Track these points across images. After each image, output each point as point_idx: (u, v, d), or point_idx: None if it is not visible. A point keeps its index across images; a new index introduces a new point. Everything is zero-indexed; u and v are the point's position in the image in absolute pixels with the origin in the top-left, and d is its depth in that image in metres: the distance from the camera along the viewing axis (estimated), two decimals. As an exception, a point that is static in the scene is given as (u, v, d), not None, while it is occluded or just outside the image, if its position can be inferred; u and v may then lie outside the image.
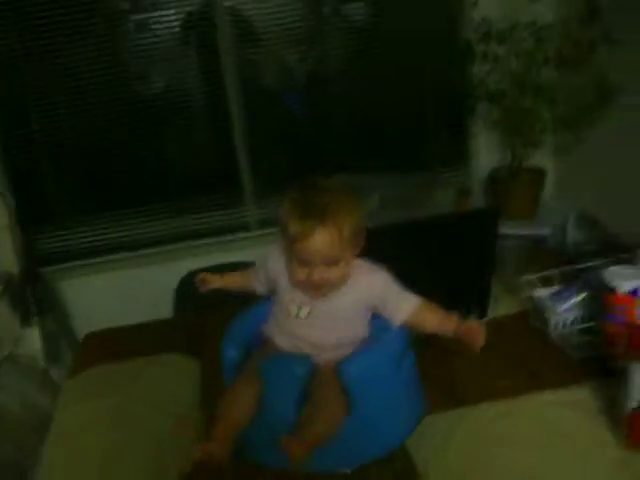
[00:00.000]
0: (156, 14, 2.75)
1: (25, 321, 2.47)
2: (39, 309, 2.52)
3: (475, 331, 1.33)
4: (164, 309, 2.72)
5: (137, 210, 2.96)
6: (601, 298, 1.52)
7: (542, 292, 1.75)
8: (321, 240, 1.23)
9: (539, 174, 2.81)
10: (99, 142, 2.86)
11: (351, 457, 1.33)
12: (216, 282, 1.52)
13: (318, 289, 1.31)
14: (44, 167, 2.83)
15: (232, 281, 1.54)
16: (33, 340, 2.45)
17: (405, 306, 1.36)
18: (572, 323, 1.67)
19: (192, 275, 2.86)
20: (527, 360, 1.60)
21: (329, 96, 3.00)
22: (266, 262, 1.43)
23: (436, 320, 1.37)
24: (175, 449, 1.41)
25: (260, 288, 1.49)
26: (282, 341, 1.40)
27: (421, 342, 1.42)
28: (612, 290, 1.47)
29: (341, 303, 1.34)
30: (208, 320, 1.85)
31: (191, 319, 2.15)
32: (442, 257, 1.75)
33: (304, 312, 1.35)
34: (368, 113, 3.00)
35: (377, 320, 1.40)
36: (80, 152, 2.86)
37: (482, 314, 1.81)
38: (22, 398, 1.87)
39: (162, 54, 2.80)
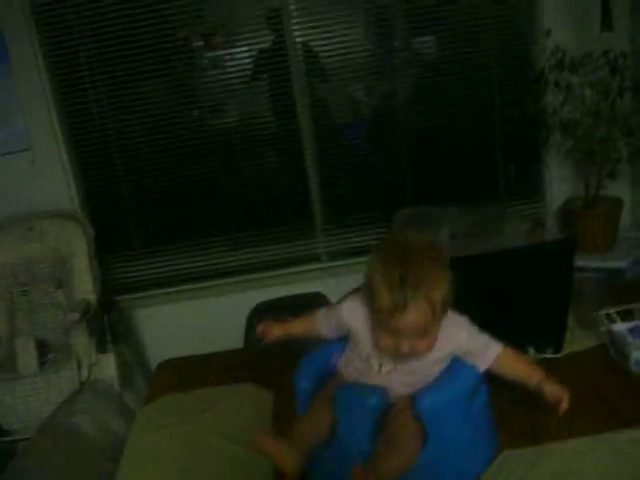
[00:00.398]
0: (232, 50, 2.83)
1: (101, 348, 2.53)
2: (114, 337, 2.58)
3: (558, 392, 1.30)
4: (235, 340, 2.75)
5: (211, 241, 3.03)
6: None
7: (621, 326, 1.70)
8: (413, 315, 1.17)
9: (616, 204, 2.74)
10: (175, 174, 2.94)
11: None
12: (278, 332, 1.47)
13: (404, 358, 1.27)
14: (122, 198, 2.93)
15: (294, 329, 1.48)
16: (109, 366, 2.52)
17: (491, 351, 1.34)
18: (654, 357, 1.61)
19: (260, 307, 2.95)
20: (607, 396, 1.55)
21: (399, 128, 3.00)
22: (341, 313, 1.36)
23: (520, 368, 1.35)
24: (246, 477, 1.42)
25: (328, 334, 1.43)
26: (355, 380, 1.39)
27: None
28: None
29: (426, 362, 1.30)
30: (280, 351, 1.86)
31: (262, 350, 2.16)
32: (517, 290, 1.72)
33: (386, 369, 1.32)
34: (439, 145, 2.99)
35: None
36: (157, 183, 2.94)
37: (558, 348, 1.76)
38: (100, 423, 1.91)
39: (236, 89, 2.87)
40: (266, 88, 2.93)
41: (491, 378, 1.38)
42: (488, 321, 1.38)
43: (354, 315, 1.33)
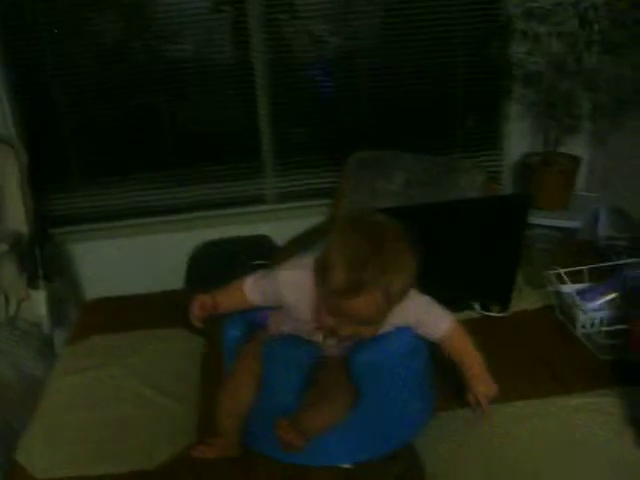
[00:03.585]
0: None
1: (32, 283, 2.39)
2: (47, 272, 2.44)
3: (488, 390, 1.28)
4: (176, 279, 2.65)
5: (154, 175, 2.87)
6: (634, 297, 1.40)
7: (570, 287, 1.64)
8: (365, 303, 1.07)
9: (574, 162, 2.67)
10: (120, 102, 2.77)
11: (354, 451, 1.25)
12: (205, 309, 1.30)
13: (344, 340, 1.20)
14: (61, 124, 2.74)
15: (223, 303, 1.32)
16: (39, 304, 2.38)
17: (442, 322, 1.28)
18: (600, 323, 1.56)
19: (206, 246, 2.84)
20: (550, 359, 1.50)
21: (357, 71, 2.86)
22: (279, 285, 1.23)
23: (465, 351, 1.29)
24: (169, 431, 1.34)
25: (260, 304, 1.30)
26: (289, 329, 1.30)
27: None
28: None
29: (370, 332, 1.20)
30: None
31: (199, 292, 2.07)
32: (467, 244, 1.65)
33: (331, 342, 1.24)
34: (398, 89, 2.87)
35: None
36: (100, 112, 2.77)
37: (505, 307, 1.71)
38: (18, 366, 1.80)
39: (191, 18, 2.68)
40: (225, 20, 2.75)
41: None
42: (435, 274, 1.28)
43: (294, 289, 1.21)
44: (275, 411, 1.18)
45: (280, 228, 2.73)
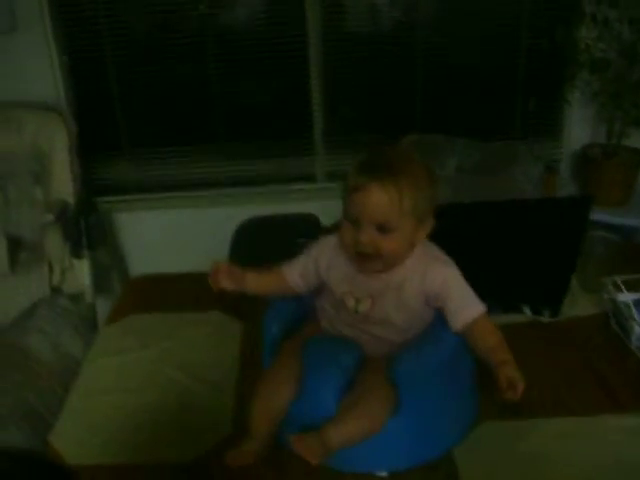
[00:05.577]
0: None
1: (76, 252, 2.40)
2: (91, 242, 2.44)
3: (514, 379, 1.11)
4: (219, 255, 2.62)
5: (203, 148, 2.84)
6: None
7: (627, 296, 1.56)
8: (376, 196, 1.10)
9: (637, 156, 2.55)
10: (171, 71, 2.74)
11: (390, 460, 1.21)
12: (233, 282, 1.26)
13: (368, 260, 1.15)
14: (111, 92, 2.72)
15: (251, 279, 1.29)
16: (82, 273, 2.39)
17: (467, 313, 1.19)
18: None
19: (252, 222, 2.81)
20: (603, 373, 1.43)
21: (414, 48, 2.76)
22: (317, 255, 1.26)
23: (492, 341, 1.18)
24: (204, 422, 1.32)
25: (304, 287, 1.30)
26: (330, 328, 1.27)
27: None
28: None
29: (403, 296, 1.18)
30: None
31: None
32: (522, 243, 1.58)
33: (363, 306, 1.20)
34: (457, 70, 2.76)
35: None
36: (151, 83, 2.74)
37: (556, 312, 1.63)
38: (55, 344, 1.80)
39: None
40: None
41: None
42: (485, 271, 1.27)
43: (327, 250, 1.24)
44: (313, 414, 1.15)
45: (328, 207, 2.67)
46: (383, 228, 1.11)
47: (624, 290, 1.56)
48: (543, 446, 1.24)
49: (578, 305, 1.67)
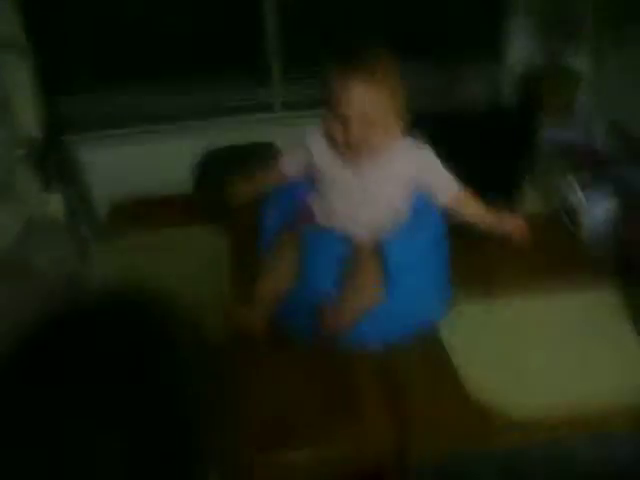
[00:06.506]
0: None
1: (47, 186, 2.45)
2: (60, 175, 2.49)
3: (515, 223, 1.38)
4: (182, 187, 2.71)
5: (163, 81, 2.88)
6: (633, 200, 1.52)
7: (577, 194, 1.75)
8: (361, 95, 1.25)
9: (575, 76, 2.74)
10: (122, 7, 2.75)
11: (382, 334, 1.37)
12: (246, 191, 1.51)
13: (356, 151, 1.31)
14: (69, 30, 2.72)
15: (259, 181, 1.52)
16: (56, 206, 2.44)
17: (452, 186, 1.39)
18: (604, 224, 1.67)
19: (210, 156, 2.88)
20: (558, 259, 1.62)
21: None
22: (307, 146, 1.42)
23: (476, 210, 1.40)
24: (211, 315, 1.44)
25: (295, 172, 1.48)
26: (322, 218, 1.41)
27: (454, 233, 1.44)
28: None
29: (387, 178, 1.35)
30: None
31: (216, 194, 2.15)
32: (475, 151, 1.73)
33: (351, 186, 1.36)
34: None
35: (417, 203, 1.41)
36: (103, 17, 2.75)
37: (512, 211, 1.81)
38: (57, 262, 1.87)
39: None
40: None
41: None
42: None
43: (315, 140, 1.40)
44: (314, 297, 1.30)
45: (287, 137, 2.76)
46: (368, 121, 1.27)
47: (574, 187, 1.75)
48: (513, 322, 1.43)
49: (532, 204, 1.85)
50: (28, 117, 2.47)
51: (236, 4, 2.84)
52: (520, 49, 2.86)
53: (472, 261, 1.56)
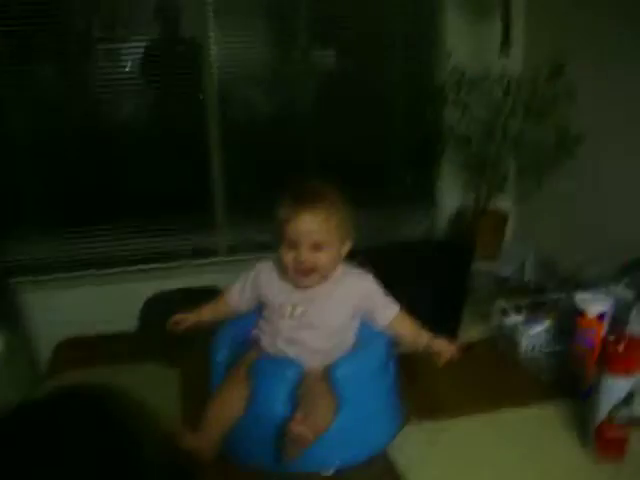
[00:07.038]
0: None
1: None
2: (5, 320, 2.48)
3: (445, 346, 1.45)
4: (131, 326, 2.70)
5: (106, 228, 2.96)
6: (571, 321, 1.61)
7: (513, 319, 1.85)
8: (310, 221, 1.35)
9: (502, 217, 2.95)
10: (71, 156, 2.88)
11: (334, 457, 1.37)
12: (190, 319, 1.54)
13: (305, 274, 1.39)
14: (17, 176, 2.82)
15: (205, 313, 1.57)
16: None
17: (391, 309, 1.46)
18: (541, 347, 1.76)
19: (156, 299, 2.92)
20: (497, 381, 1.68)
21: (299, 133, 3.08)
22: (256, 276, 1.50)
23: (413, 330, 1.48)
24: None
25: (244, 305, 1.54)
26: (271, 346, 1.45)
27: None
28: (581, 313, 1.57)
29: (333, 302, 1.41)
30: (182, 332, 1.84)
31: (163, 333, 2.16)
32: (417, 282, 1.83)
33: (298, 311, 1.41)
34: (337, 152, 3.06)
35: (363, 331, 1.48)
36: (49, 165, 2.86)
37: (453, 338, 1.88)
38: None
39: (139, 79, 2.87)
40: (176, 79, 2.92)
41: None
42: None
43: (266, 272, 1.48)
44: (265, 421, 1.31)
45: (232, 280, 2.83)
46: (318, 247, 1.37)
47: (510, 313, 1.85)
48: (461, 439, 1.46)
49: (470, 332, 1.93)
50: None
51: (184, 157, 3.01)
52: (451, 193, 3.09)
53: (418, 384, 1.61)
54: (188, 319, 1.53)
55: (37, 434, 0.64)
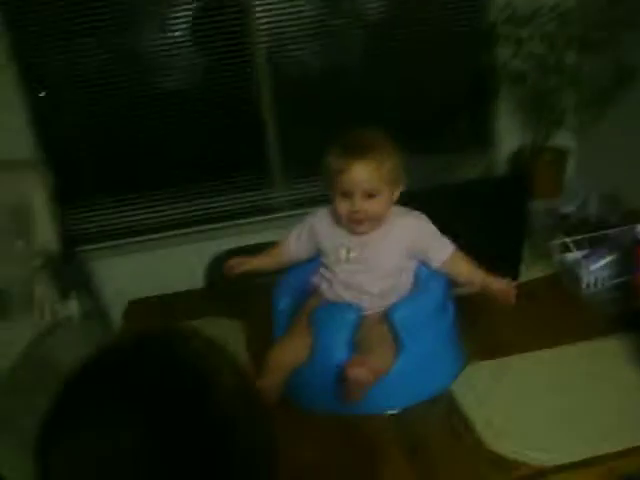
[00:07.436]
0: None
1: (63, 297, 2.53)
2: (76, 286, 2.58)
3: (503, 285, 1.43)
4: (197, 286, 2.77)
5: (169, 191, 3.03)
6: (632, 253, 1.58)
7: (574, 254, 1.82)
8: (361, 170, 1.34)
9: (562, 153, 2.87)
10: (128, 125, 2.94)
11: (397, 399, 1.40)
12: (244, 263, 1.56)
13: (360, 222, 1.39)
14: (81, 145, 2.91)
15: (260, 259, 1.58)
16: (72, 315, 2.52)
17: (445, 249, 1.45)
18: (603, 281, 1.73)
19: (220, 259, 2.97)
20: (560, 317, 1.66)
21: (350, 85, 3.05)
22: (312, 224, 1.51)
23: (469, 270, 1.46)
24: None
25: (301, 253, 1.55)
26: (330, 292, 1.47)
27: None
28: (643, 243, 1.53)
29: (386, 244, 1.42)
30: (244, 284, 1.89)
31: (229, 288, 2.21)
32: (472, 223, 1.81)
33: (353, 255, 1.43)
34: (394, 98, 3.04)
35: (420, 273, 1.48)
36: (112, 135, 2.93)
37: (515, 276, 1.87)
38: (69, 350, 1.93)
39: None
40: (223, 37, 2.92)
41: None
42: None
43: (320, 219, 1.50)
44: (329, 369, 1.34)
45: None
46: (370, 195, 1.36)
47: (572, 249, 1.82)
48: (524, 375, 1.46)
49: (532, 270, 1.91)
50: (45, 231, 2.58)
51: (238, 118, 3.04)
52: (508, 133, 3.02)
53: (479, 325, 1.61)
54: (242, 263, 1.56)
55: (119, 371, 0.67)
